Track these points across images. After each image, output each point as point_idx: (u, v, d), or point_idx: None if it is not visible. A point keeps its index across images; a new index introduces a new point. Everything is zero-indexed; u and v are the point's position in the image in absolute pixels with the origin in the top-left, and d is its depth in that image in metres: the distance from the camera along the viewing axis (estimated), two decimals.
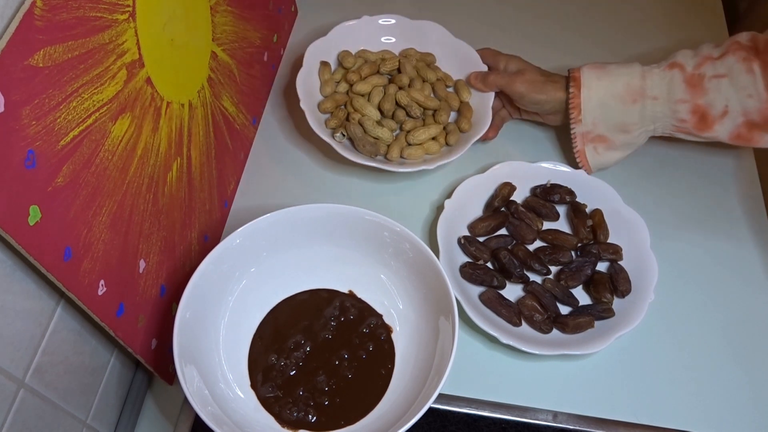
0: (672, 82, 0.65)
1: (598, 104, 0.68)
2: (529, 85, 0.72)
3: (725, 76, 0.63)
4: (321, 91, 0.77)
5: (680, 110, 0.65)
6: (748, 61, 0.62)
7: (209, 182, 0.67)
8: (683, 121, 0.66)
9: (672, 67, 0.66)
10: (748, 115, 0.63)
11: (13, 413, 0.44)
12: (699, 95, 0.64)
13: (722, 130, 0.65)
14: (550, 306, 0.65)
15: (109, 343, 0.57)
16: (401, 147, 0.73)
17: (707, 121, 0.65)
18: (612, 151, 0.71)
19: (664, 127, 0.68)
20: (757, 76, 0.61)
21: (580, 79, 0.69)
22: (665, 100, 0.66)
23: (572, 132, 0.71)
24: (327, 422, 0.57)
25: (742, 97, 0.63)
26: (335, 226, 0.62)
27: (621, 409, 0.62)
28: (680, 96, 0.65)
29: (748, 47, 0.63)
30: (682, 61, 0.66)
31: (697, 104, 0.65)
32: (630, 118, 0.68)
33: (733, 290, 0.70)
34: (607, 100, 0.68)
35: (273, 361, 0.59)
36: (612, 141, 0.70)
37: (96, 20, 0.45)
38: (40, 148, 0.40)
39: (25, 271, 0.44)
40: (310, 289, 0.64)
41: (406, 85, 0.77)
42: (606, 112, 0.69)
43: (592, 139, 0.71)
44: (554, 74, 0.73)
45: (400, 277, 0.63)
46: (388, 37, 0.82)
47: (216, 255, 0.58)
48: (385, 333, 0.62)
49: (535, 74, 0.73)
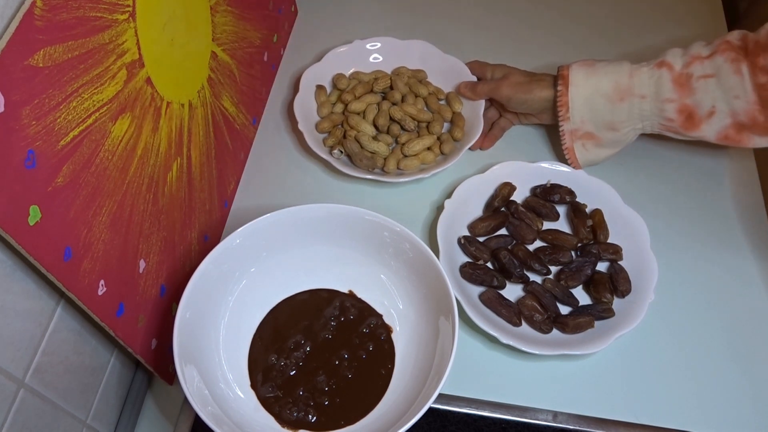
0: (660, 81, 0.65)
1: (585, 102, 0.69)
2: (514, 87, 0.74)
3: (713, 75, 0.63)
4: (318, 112, 0.80)
5: (667, 109, 0.66)
6: (737, 62, 0.62)
7: (209, 182, 0.67)
8: (670, 120, 0.66)
9: (660, 66, 0.66)
10: (736, 116, 0.63)
11: (13, 413, 0.44)
12: (686, 95, 0.64)
13: (709, 130, 0.65)
14: (550, 306, 0.65)
15: (109, 343, 0.57)
16: (398, 159, 0.75)
17: (694, 121, 0.65)
18: (600, 148, 0.72)
19: (652, 125, 0.68)
20: (745, 77, 0.61)
21: (568, 77, 0.69)
22: (653, 98, 0.66)
23: (560, 129, 0.72)
24: (327, 422, 0.57)
25: (730, 98, 0.62)
26: (335, 226, 0.62)
27: (621, 409, 0.62)
28: (668, 95, 0.65)
29: (738, 47, 0.62)
30: (670, 60, 0.65)
31: (684, 104, 0.65)
32: (618, 117, 0.68)
33: (732, 290, 0.70)
34: (594, 98, 0.68)
35: (273, 361, 0.59)
36: (600, 138, 0.71)
37: (96, 20, 0.45)
38: (40, 148, 0.40)
39: (25, 271, 0.44)
40: (310, 289, 0.64)
41: (399, 101, 0.79)
42: (594, 110, 0.69)
43: (581, 136, 0.71)
44: (540, 74, 0.75)
45: (400, 277, 0.63)
46: (379, 58, 0.85)
47: (216, 255, 0.58)
48: (385, 333, 0.62)
49: (520, 76, 0.75)
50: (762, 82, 0.60)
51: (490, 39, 0.91)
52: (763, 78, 0.60)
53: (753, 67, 0.61)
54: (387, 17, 0.93)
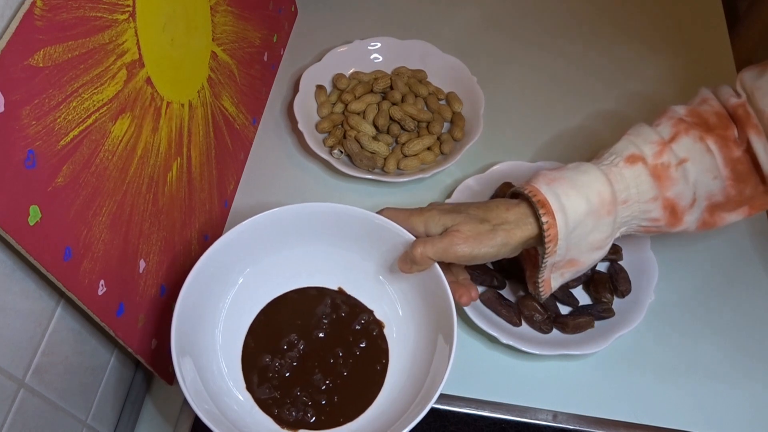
0: (639, 179, 0.55)
1: (574, 228, 0.54)
2: (473, 241, 0.55)
3: (687, 160, 0.55)
4: (318, 112, 0.80)
5: (652, 209, 0.56)
6: (703, 140, 0.55)
7: (209, 182, 0.67)
8: (655, 220, 0.57)
9: (634, 161, 0.55)
10: (712, 197, 0.57)
11: (13, 413, 0.44)
12: (666, 187, 0.55)
13: (691, 220, 0.57)
14: (550, 306, 0.65)
15: (109, 343, 0.57)
16: (398, 159, 0.75)
17: (677, 215, 0.57)
18: (577, 273, 0.59)
19: (628, 229, 0.58)
20: (715, 155, 0.56)
21: (548, 203, 0.53)
22: (635, 201, 0.55)
23: (543, 265, 0.56)
24: (326, 421, 0.57)
25: (708, 179, 0.56)
26: (326, 224, 0.62)
27: (621, 409, 0.62)
28: (651, 194, 0.55)
29: (693, 123, 0.57)
30: (641, 151, 0.56)
31: (665, 198, 0.56)
32: (602, 233, 0.55)
33: (733, 290, 0.70)
34: (582, 219, 0.54)
35: (267, 362, 0.59)
36: (582, 263, 0.57)
37: (96, 20, 0.45)
38: (40, 148, 0.40)
39: (25, 271, 0.44)
40: (299, 288, 0.64)
41: (399, 101, 0.79)
42: (580, 233, 0.55)
43: (563, 266, 0.57)
44: (489, 208, 0.57)
45: (398, 279, 0.63)
46: (379, 58, 0.85)
47: (212, 253, 0.57)
48: (378, 329, 0.62)
49: (472, 223, 0.55)
50: (737, 156, 0.56)
51: (490, 39, 0.91)
52: (738, 152, 0.56)
53: (720, 142, 0.55)
54: (387, 17, 0.93)
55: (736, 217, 0.58)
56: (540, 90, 0.86)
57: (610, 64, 0.89)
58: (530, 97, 0.85)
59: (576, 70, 0.88)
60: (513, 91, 0.85)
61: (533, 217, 0.55)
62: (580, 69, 0.88)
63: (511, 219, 0.55)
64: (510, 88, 0.85)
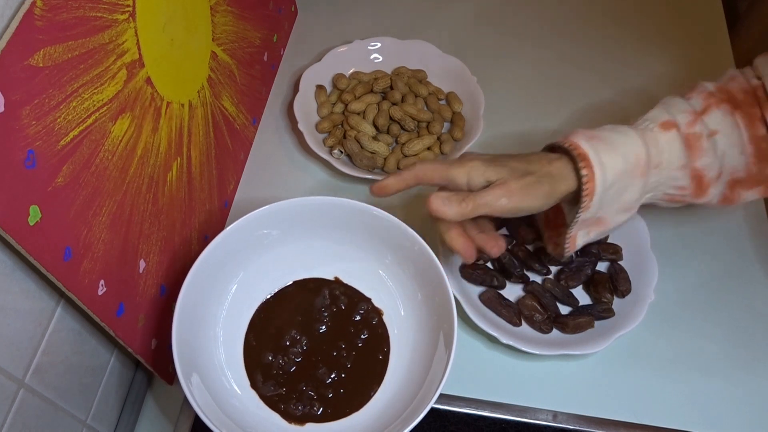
0: (672, 146, 0.56)
1: (610, 186, 0.54)
2: (519, 195, 0.54)
3: (718, 132, 0.56)
4: (318, 112, 0.80)
5: (680, 177, 0.56)
6: (732, 114, 0.56)
7: (209, 182, 0.67)
8: (682, 188, 0.57)
9: (668, 127, 0.56)
10: (735, 173, 0.58)
11: (13, 413, 0.44)
12: (696, 157, 0.56)
13: (715, 194, 0.58)
14: (550, 306, 0.65)
15: (109, 343, 0.57)
16: (398, 159, 0.75)
17: (702, 186, 0.57)
18: (601, 232, 0.59)
19: (654, 197, 0.58)
20: (742, 130, 0.56)
21: (588, 157, 0.53)
22: (666, 167, 0.56)
23: (576, 219, 0.56)
24: (333, 413, 0.57)
25: (735, 154, 0.57)
26: (322, 217, 0.62)
27: (621, 409, 0.62)
28: (681, 161, 0.56)
29: (724, 99, 0.57)
30: (676, 118, 0.56)
31: (694, 167, 0.56)
32: (633, 195, 0.56)
33: (733, 290, 0.70)
34: (618, 178, 0.54)
35: (270, 359, 0.59)
36: (609, 223, 0.57)
37: (96, 20, 0.45)
38: (40, 148, 0.40)
39: (25, 271, 0.44)
40: (295, 281, 0.64)
41: (399, 101, 0.79)
42: (615, 192, 0.55)
43: (592, 223, 0.57)
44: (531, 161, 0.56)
45: (398, 274, 0.63)
46: (379, 58, 0.85)
47: (211, 250, 0.57)
48: (377, 317, 0.62)
49: (517, 175, 0.54)
50: (762, 134, 0.56)
51: (490, 39, 0.91)
52: (763, 130, 0.56)
53: (747, 119, 0.56)
54: (387, 17, 0.93)
55: (753, 195, 0.59)
56: (540, 90, 0.86)
57: (611, 65, 0.89)
58: (530, 97, 0.85)
59: (577, 70, 0.88)
60: (513, 91, 0.85)
61: (574, 171, 0.55)
62: (581, 69, 0.88)
63: (554, 172, 0.55)
64: (510, 88, 0.85)
